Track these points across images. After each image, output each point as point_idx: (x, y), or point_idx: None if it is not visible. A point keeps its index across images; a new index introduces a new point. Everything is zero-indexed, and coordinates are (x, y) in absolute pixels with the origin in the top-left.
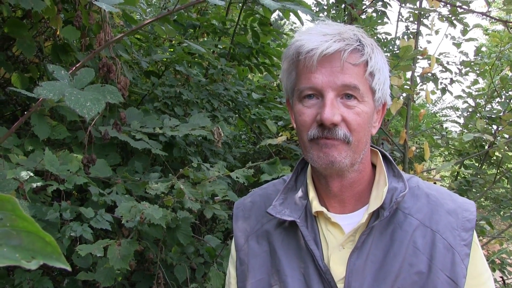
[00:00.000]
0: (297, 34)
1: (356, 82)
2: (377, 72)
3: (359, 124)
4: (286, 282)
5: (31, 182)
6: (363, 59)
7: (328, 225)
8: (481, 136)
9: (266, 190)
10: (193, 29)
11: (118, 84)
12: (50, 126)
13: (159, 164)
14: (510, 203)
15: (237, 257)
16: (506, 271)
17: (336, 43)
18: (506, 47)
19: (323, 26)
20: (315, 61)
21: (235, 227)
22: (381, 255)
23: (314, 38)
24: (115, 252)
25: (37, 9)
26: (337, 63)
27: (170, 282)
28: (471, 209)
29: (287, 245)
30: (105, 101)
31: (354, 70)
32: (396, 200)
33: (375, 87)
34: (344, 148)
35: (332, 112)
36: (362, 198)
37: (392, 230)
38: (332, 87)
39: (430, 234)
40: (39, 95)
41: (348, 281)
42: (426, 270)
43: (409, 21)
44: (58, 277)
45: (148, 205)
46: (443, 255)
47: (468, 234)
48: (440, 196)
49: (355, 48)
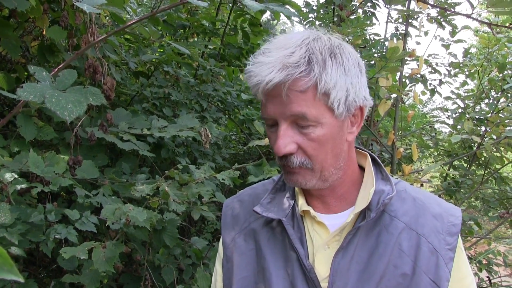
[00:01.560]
0: (251, 58)
1: (305, 110)
2: (332, 90)
3: (315, 149)
4: (271, 280)
5: (16, 184)
6: (310, 83)
7: (314, 225)
8: (468, 138)
9: (255, 189)
10: (183, 30)
11: (104, 85)
12: (36, 127)
13: (148, 166)
14: (497, 203)
15: (224, 255)
16: (492, 271)
17: (278, 73)
18: (494, 49)
19: (272, 48)
20: (261, 95)
21: (223, 225)
22: (366, 256)
23: (258, 70)
24: (99, 255)
25: (21, 8)
26: (281, 94)
27: (158, 283)
28: (456, 214)
29: (273, 244)
30: (87, 103)
31: (302, 97)
32: (383, 202)
33: (332, 105)
34: (307, 173)
35: (284, 144)
36: (347, 199)
37: (378, 231)
38: (283, 117)
39: (416, 237)
40: (19, 97)
41: (332, 280)
42: (410, 273)
43: (398, 22)
44: (45, 279)
45: (133, 208)
46: (427, 258)
47: (453, 238)
48: (427, 200)
49: (299, 76)
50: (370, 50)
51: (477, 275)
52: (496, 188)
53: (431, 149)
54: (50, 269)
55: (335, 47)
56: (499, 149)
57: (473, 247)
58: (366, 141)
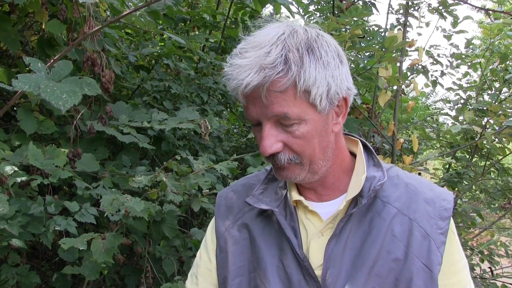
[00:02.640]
0: (231, 55)
1: (286, 110)
2: (312, 87)
3: (302, 145)
4: (266, 269)
5: (15, 176)
6: (289, 83)
7: (307, 214)
8: (469, 128)
9: (248, 180)
10: (184, 23)
11: (103, 77)
12: (37, 121)
13: (148, 159)
14: (499, 194)
15: (217, 245)
16: (494, 261)
17: (256, 75)
18: (496, 39)
19: (248, 47)
20: (241, 97)
21: (217, 215)
22: (359, 242)
23: (235, 73)
24: (98, 246)
25: (18, 2)
26: (260, 96)
27: (159, 275)
28: (448, 199)
29: (267, 234)
30: (82, 93)
31: (283, 97)
32: (374, 188)
33: (314, 101)
34: (296, 167)
35: (269, 144)
36: (339, 187)
37: (370, 217)
38: (265, 118)
39: (408, 222)
40: (15, 87)
41: (326, 267)
42: (402, 257)
43: (399, 13)
44: (47, 272)
45: (130, 198)
46: (419, 243)
47: (445, 222)
48: (419, 185)
49: (277, 77)
50: (370, 40)
51: (479, 266)
52: (498, 179)
53: (433, 140)
54: (53, 262)
55: (312, 40)
56: (501, 139)
57: (475, 238)
58: (367, 132)
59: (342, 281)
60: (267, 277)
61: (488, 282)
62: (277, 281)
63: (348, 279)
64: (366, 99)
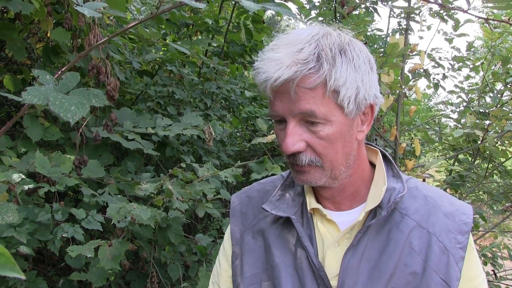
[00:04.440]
0: (259, 54)
1: (314, 108)
2: (341, 87)
3: (325, 147)
4: (280, 277)
5: (23, 184)
6: (319, 80)
7: (324, 222)
8: (471, 132)
9: (264, 185)
10: (186, 28)
11: (108, 85)
12: (43, 128)
13: (153, 164)
14: (502, 197)
15: (232, 252)
16: (497, 264)
17: (288, 69)
18: (498, 42)
19: (281, 44)
20: (269, 92)
21: (231, 221)
22: (377, 254)
23: (266, 66)
24: (106, 253)
25: (25, 12)
26: (289, 92)
27: (164, 280)
28: (468, 213)
29: (282, 241)
30: (90, 105)
31: (311, 94)
32: (395, 200)
33: (342, 103)
34: (317, 171)
35: (292, 142)
36: (358, 197)
37: (388, 229)
38: (291, 114)
39: (426, 236)
40: (24, 100)
41: (342, 278)
42: (420, 271)
43: (400, 17)
44: (54, 278)
45: (137, 206)
46: (438, 257)
47: (464, 237)
48: (438, 198)
49: (308, 72)
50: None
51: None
52: (501, 181)
53: (435, 143)
54: (59, 267)
55: (345, 43)
56: (503, 142)
57: (478, 241)
58: (370, 136)
59: None
60: (281, 285)
61: (491, 285)
62: None
63: None
64: None
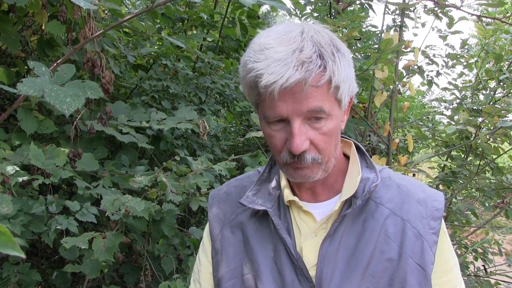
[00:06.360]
0: (251, 52)
1: (321, 104)
2: (342, 83)
3: (326, 142)
4: (259, 270)
5: (17, 176)
6: (326, 78)
7: (301, 214)
8: (463, 128)
9: (241, 181)
10: (182, 23)
11: (103, 78)
12: (37, 121)
13: (147, 158)
14: (493, 193)
15: (212, 247)
16: (487, 259)
17: (296, 71)
18: (491, 40)
19: (273, 43)
20: (275, 94)
21: (210, 217)
22: (353, 243)
23: (272, 68)
24: (99, 244)
25: (20, 4)
26: (300, 91)
27: (158, 273)
28: (439, 199)
29: (260, 235)
30: (85, 97)
31: (318, 92)
32: (369, 189)
33: (341, 97)
34: (316, 167)
35: (301, 141)
36: (334, 187)
37: (364, 218)
38: (297, 114)
39: (401, 223)
40: (20, 91)
41: (320, 267)
42: (396, 257)
43: (395, 14)
44: (47, 270)
45: (131, 198)
46: (412, 243)
47: (437, 222)
48: (411, 186)
49: (318, 71)
50: (366, 42)
51: (473, 264)
52: (492, 178)
53: (428, 139)
54: (53, 260)
55: (334, 39)
56: (495, 139)
57: (470, 237)
58: (363, 132)
59: (336, 281)
60: (260, 278)
61: (482, 280)
62: (270, 282)
63: (342, 280)
64: (362, 98)
